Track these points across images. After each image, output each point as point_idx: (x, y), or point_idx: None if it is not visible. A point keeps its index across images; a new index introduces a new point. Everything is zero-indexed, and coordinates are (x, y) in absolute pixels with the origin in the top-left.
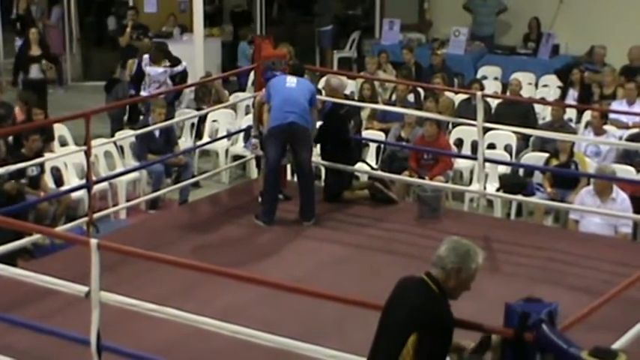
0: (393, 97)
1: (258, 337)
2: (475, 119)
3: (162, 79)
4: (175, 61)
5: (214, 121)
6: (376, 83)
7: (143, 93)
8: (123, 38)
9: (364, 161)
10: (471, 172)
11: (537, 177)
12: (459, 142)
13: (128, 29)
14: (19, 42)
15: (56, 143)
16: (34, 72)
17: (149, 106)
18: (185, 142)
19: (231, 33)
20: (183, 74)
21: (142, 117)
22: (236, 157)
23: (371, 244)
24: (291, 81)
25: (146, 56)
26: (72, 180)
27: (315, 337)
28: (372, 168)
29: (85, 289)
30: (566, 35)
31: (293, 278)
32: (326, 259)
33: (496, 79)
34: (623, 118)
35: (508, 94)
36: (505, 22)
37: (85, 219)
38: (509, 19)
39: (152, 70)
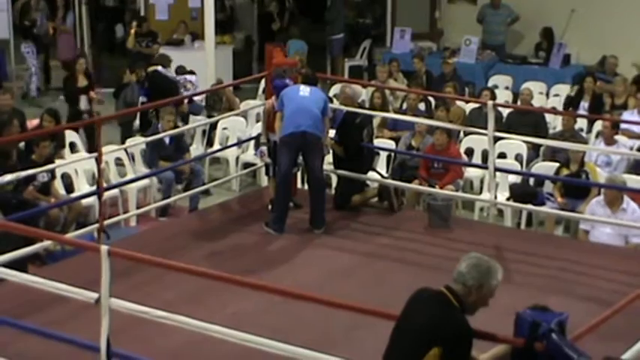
0: (404, 106)
1: (268, 345)
2: (486, 128)
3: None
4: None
5: (225, 128)
6: (387, 92)
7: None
8: (128, 42)
9: (375, 170)
10: (482, 182)
11: (548, 187)
12: (470, 151)
13: (132, 31)
14: (25, 48)
15: (67, 150)
16: (83, 103)
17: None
18: (196, 149)
19: (242, 40)
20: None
21: (152, 123)
22: (247, 165)
23: (381, 252)
24: (305, 90)
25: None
26: (82, 187)
27: (325, 345)
28: (383, 177)
29: (95, 295)
30: (577, 45)
31: (303, 286)
32: (336, 267)
33: (507, 88)
34: (635, 128)
35: (519, 103)
36: (516, 31)
37: (96, 226)
38: (520, 28)
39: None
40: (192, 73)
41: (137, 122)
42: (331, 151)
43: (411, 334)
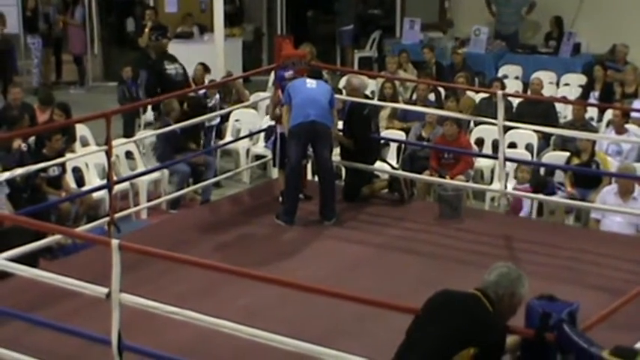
0: (414, 97)
1: (277, 340)
2: (496, 118)
3: None
4: None
5: (236, 120)
6: (397, 83)
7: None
8: (142, 39)
9: (385, 161)
10: (492, 172)
11: (558, 176)
12: (480, 142)
13: (147, 30)
14: (30, 40)
15: (77, 143)
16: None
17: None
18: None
19: (251, 32)
20: None
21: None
22: (257, 157)
23: (392, 243)
24: (311, 82)
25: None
26: (93, 180)
27: (337, 338)
28: (393, 167)
29: (106, 290)
30: (587, 34)
31: (314, 278)
32: (347, 259)
33: (517, 78)
34: None
35: (529, 93)
36: (526, 20)
37: (107, 219)
38: (530, 17)
39: None
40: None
41: (145, 116)
42: (339, 143)
43: (442, 333)
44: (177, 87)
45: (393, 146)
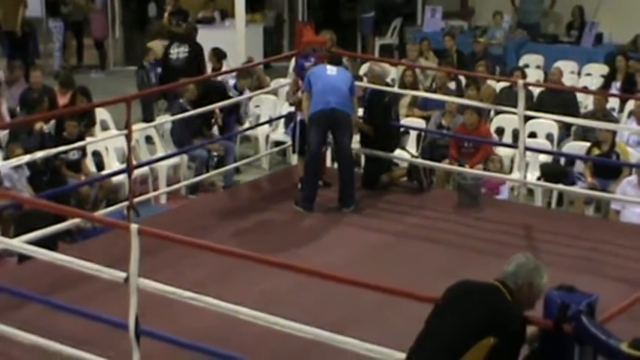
0: (434, 85)
1: (295, 327)
2: (516, 107)
3: None
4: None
5: (256, 106)
6: (417, 71)
7: None
8: (162, 24)
9: (404, 149)
10: (512, 161)
11: (578, 166)
12: (500, 131)
13: (166, 14)
14: (52, 24)
15: (97, 127)
16: None
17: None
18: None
19: (272, 18)
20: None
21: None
22: (277, 143)
23: (410, 231)
24: (331, 69)
25: None
26: (113, 164)
27: (354, 326)
28: (413, 156)
29: (124, 274)
30: (609, 24)
31: (332, 265)
32: (365, 246)
33: (538, 67)
34: None
35: (549, 82)
36: (553, 10)
37: (126, 203)
38: (557, 7)
39: None
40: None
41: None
42: (359, 131)
43: (461, 322)
44: (176, 71)
45: (413, 134)
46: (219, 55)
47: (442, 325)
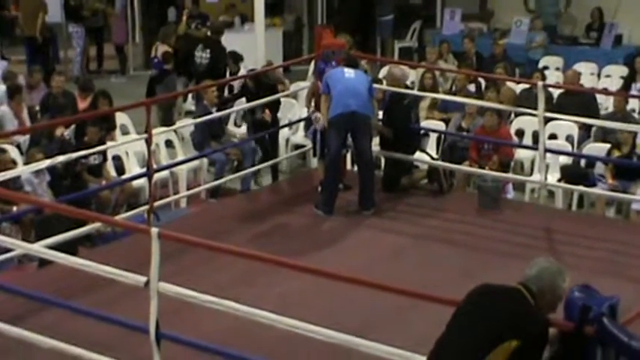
0: (454, 88)
1: (315, 331)
2: (536, 109)
3: None
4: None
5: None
6: (437, 73)
7: None
8: (180, 27)
9: (424, 151)
10: (532, 163)
11: (599, 168)
12: (520, 133)
13: (184, 18)
14: (72, 29)
15: (118, 132)
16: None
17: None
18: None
19: (292, 23)
20: None
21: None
22: (297, 147)
23: (431, 234)
24: (349, 72)
25: None
26: (133, 168)
27: (374, 329)
28: (433, 158)
29: (144, 279)
30: (629, 25)
31: (352, 268)
32: (385, 249)
33: (558, 69)
34: None
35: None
36: (567, 12)
37: (146, 207)
38: (571, 9)
39: None
40: None
41: (185, 104)
42: (379, 133)
43: (483, 325)
44: (201, 74)
45: (433, 137)
46: (235, 57)
47: (463, 328)
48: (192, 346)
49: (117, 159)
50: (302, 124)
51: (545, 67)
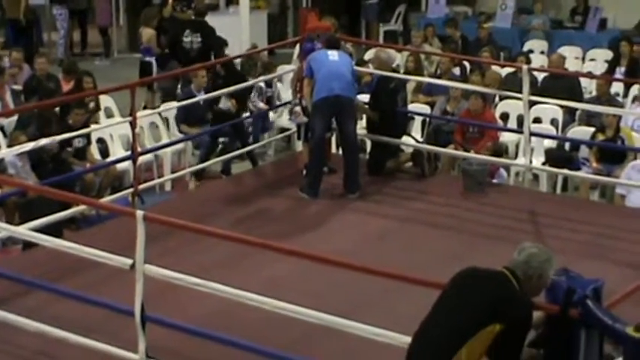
0: (439, 71)
1: (301, 312)
2: (521, 93)
3: None
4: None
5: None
6: (422, 56)
7: None
8: (165, 9)
9: (409, 134)
10: (517, 146)
11: (583, 152)
12: (505, 116)
13: (170, 1)
14: (56, 11)
15: (102, 114)
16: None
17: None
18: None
19: (277, 5)
20: None
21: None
22: (281, 130)
23: (416, 217)
24: (333, 54)
25: None
26: (117, 151)
27: (360, 311)
28: (418, 141)
29: (130, 261)
30: (613, 9)
31: (337, 251)
32: (371, 232)
33: (542, 53)
34: None
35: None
36: None
37: (130, 190)
38: None
39: None
40: None
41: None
42: (365, 117)
43: (467, 309)
44: (191, 58)
45: (418, 120)
46: (220, 43)
47: (448, 310)
48: (177, 328)
49: (101, 142)
50: (287, 107)
51: (530, 51)
